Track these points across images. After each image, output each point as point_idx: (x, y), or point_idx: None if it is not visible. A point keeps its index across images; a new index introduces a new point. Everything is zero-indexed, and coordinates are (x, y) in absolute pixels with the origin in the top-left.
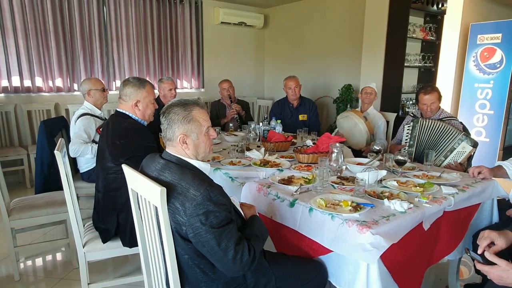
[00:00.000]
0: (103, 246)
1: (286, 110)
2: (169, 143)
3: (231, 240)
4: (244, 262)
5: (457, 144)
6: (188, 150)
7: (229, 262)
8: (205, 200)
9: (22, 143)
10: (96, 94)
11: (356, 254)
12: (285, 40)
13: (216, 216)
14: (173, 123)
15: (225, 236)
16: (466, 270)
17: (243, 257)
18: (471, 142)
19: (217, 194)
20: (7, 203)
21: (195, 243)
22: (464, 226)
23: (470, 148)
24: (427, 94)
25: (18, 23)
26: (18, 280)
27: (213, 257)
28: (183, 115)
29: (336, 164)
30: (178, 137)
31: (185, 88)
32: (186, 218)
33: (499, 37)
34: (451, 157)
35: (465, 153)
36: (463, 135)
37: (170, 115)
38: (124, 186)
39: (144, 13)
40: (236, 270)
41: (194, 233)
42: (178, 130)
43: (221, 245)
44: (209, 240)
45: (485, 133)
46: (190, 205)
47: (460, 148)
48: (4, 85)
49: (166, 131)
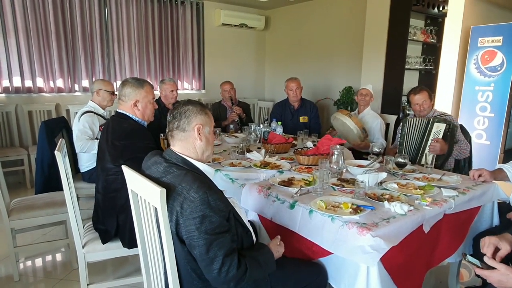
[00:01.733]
0: (102, 247)
1: (287, 112)
2: (178, 137)
3: (222, 250)
4: (230, 276)
5: (431, 127)
6: (199, 142)
7: (213, 272)
8: (203, 204)
9: (22, 143)
10: (104, 94)
11: (356, 256)
12: (286, 42)
13: (212, 222)
14: (190, 113)
15: (216, 245)
16: (466, 273)
17: (230, 271)
18: (443, 121)
19: (216, 199)
20: (7, 203)
21: (188, 245)
22: (464, 229)
23: (443, 125)
24: (417, 94)
25: (20, 24)
26: (18, 280)
27: (201, 263)
28: (200, 108)
29: (336, 166)
30: (195, 126)
31: (186, 89)
32: (183, 219)
33: (500, 40)
34: (430, 139)
35: (440, 131)
36: (433, 118)
37: (187, 106)
38: (124, 187)
39: (145, 14)
40: (220, 283)
41: (187, 235)
42: (195, 120)
43: (209, 253)
44: (200, 246)
45: (486, 135)
46: (188, 206)
47: (435, 129)
48: (5, 85)
49: (180, 122)
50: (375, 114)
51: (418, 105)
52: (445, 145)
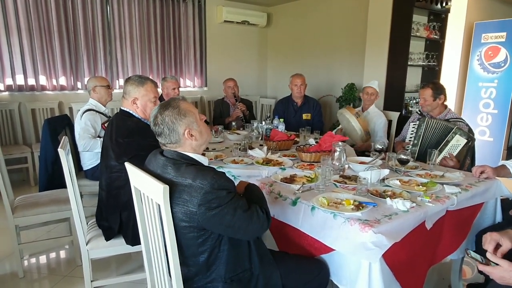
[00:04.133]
0: (106, 244)
1: (290, 109)
2: (174, 146)
3: (241, 208)
4: (261, 219)
5: (451, 137)
6: (195, 142)
7: (250, 224)
8: (213, 188)
9: (26, 141)
10: (101, 90)
11: (358, 252)
12: (288, 38)
13: (224, 197)
14: (173, 125)
15: (237, 207)
16: (469, 270)
17: (259, 216)
18: (465, 135)
19: (224, 181)
20: (11, 201)
21: (209, 227)
22: (467, 225)
23: (464, 140)
24: (422, 88)
25: (22, 22)
26: (22, 277)
27: (232, 229)
28: (175, 112)
29: (338, 162)
30: (184, 133)
31: (188, 86)
32: (197, 207)
33: (503, 36)
34: (446, 150)
35: (459, 146)
36: (457, 129)
37: (165, 120)
38: (127, 185)
39: (147, 12)
40: (258, 229)
41: (206, 217)
42: (181, 128)
43: (235, 216)
44: (223, 216)
45: (489, 132)
46: (198, 194)
47: (454, 141)
48: (8, 84)
49: (169, 137)
50: (380, 112)
51: (423, 98)
52: (458, 164)
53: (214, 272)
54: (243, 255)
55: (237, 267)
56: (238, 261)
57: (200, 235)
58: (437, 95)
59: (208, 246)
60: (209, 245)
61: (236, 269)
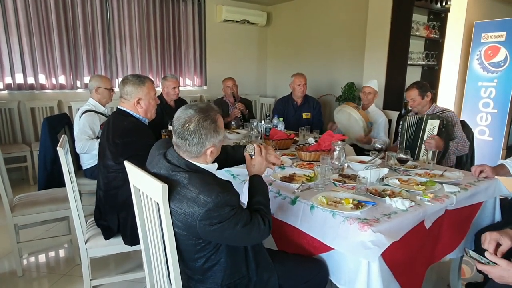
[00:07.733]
0: (105, 243)
1: (290, 108)
2: (187, 154)
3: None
4: (261, 231)
5: (425, 125)
6: (209, 159)
7: (250, 236)
8: (217, 206)
9: (25, 140)
10: (104, 92)
11: (357, 251)
12: (288, 38)
13: (226, 214)
14: (204, 139)
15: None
16: (468, 269)
17: (260, 228)
18: (436, 117)
19: (230, 197)
20: (10, 199)
21: (208, 239)
22: (466, 224)
23: (437, 121)
24: (407, 90)
25: (22, 21)
26: (21, 275)
27: (231, 240)
28: (212, 128)
29: (338, 162)
30: (208, 151)
31: (187, 85)
32: (197, 221)
33: (503, 36)
34: (425, 137)
35: (435, 127)
36: (427, 115)
37: (199, 131)
38: (125, 185)
39: (147, 10)
40: (258, 238)
41: (206, 231)
42: (209, 145)
43: (235, 229)
44: (224, 231)
45: (489, 132)
46: (200, 209)
47: (429, 126)
48: (7, 82)
49: (191, 147)
50: (379, 112)
51: (411, 100)
52: (441, 142)
53: (210, 278)
54: (240, 261)
55: (234, 274)
56: (235, 267)
57: (198, 243)
58: (424, 93)
59: (206, 252)
60: (207, 251)
61: (233, 275)
